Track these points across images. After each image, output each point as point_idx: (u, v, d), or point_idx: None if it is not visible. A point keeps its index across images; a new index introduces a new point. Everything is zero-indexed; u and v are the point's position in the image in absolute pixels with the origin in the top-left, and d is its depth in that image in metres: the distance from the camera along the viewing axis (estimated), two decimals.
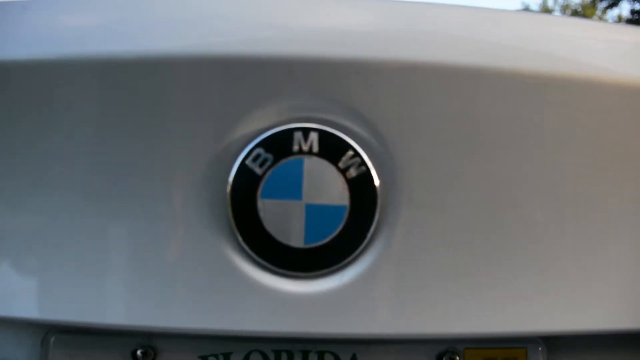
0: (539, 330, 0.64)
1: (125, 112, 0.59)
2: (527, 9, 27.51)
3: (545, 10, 27.10)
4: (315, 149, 0.58)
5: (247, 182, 0.58)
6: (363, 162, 0.59)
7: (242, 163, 0.58)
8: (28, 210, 0.60)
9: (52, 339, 0.65)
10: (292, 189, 0.58)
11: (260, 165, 0.58)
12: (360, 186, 0.59)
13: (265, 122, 0.59)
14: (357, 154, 0.59)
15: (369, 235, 0.60)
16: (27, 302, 0.62)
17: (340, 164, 0.59)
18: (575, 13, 26.18)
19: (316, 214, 0.59)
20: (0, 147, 0.60)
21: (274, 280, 0.60)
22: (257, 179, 0.58)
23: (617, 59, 0.66)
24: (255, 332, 0.62)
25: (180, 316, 0.61)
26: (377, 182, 0.59)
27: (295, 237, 0.59)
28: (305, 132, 0.58)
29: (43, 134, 0.60)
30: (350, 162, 0.59)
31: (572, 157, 0.62)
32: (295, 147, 0.58)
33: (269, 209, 0.59)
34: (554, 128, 0.61)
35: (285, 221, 0.59)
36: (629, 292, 0.64)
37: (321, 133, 0.58)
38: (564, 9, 26.88)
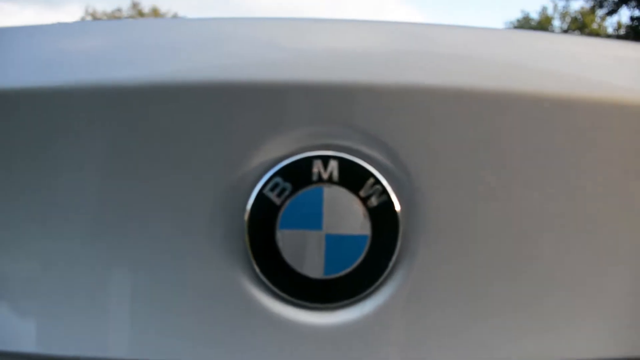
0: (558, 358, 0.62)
1: (140, 141, 0.58)
2: (526, 16, 27.62)
3: (545, 17, 27.19)
4: (335, 177, 0.57)
5: (265, 211, 0.57)
6: (384, 190, 0.57)
7: (260, 192, 0.57)
8: (34, 240, 0.59)
9: None
10: (312, 218, 0.57)
11: (279, 195, 0.57)
12: (382, 215, 0.57)
13: (284, 150, 0.57)
14: (378, 181, 0.57)
15: (390, 265, 0.58)
16: (21, 336, 0.60)
17: (361, 193, 0.57)
18: (574, 20, 26.27)
19: (336, 244, 0.57)
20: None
21: (293, 311, 0.58)
22: (276, 208, 0.57)
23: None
24: None
25: (197, 349, 0.59)
26: (398, 210, 0.58)
27: (314, 267, 0.57)
28: (325, 160, 0.57)
29: (50, 162, 0.58)
30: (372, 190, 0.57)
31: (599, 182, 0.60)
32: (315, 176, 0.57)
33: (287, 239, 0.57)
34: (580, 153, 0.60)
35: (305, 251, 0.57)
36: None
37: (341, 161, 0.57)
38: (564, 16, 26.98)
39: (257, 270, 0.57)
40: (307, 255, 0.57)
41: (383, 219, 0.57)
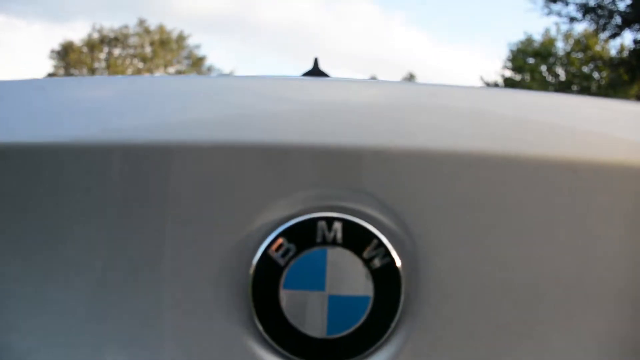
0: None
1: (145, 200, 0.59)
2: (529, 38, 27.75)
3: (549, 39, 27.32)
4: (339, 238, 0.57)
5: (269, 272, 0.58)
6: (388, 252, 0.58)
7: (265, 252, 0.58)
8: (41, 301, 0.59)
9: None
10: (315, 279, 0.57)
11: (283, 255, 0.57)
12: (385, 276, 0.58)
13: (289, 211, 0.58)
14: (381, 243, 0.58)
15: (392, 325, 0.58)
16: None
17: (365, 254, 0.58)
18: (577, 42, 26.38)
19: (339, 305, 0.57)
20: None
21: None
22: (280, 269, 0.57)
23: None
24: None
25: None
26: (401, 271, 0.58)
27: (317, 327, 0.58)
28: (329, 221, 0.58)
29: (51, 222, 0.59)
30: (375, 252, 0.58)
31: (603, 246, 0.60)
32: (319, 237, 0.57)
33: (291, 299, 0.57)
34: (581, 214, 0.60)
35: (308, 311, 0.58)
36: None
37: (345, 222, 0.58)
38: (567, 37, 27.10)
39: (261, 328, 0.58)
40: (310, 315, 0.58)
41: (386, 280, 0.58)
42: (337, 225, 0.57)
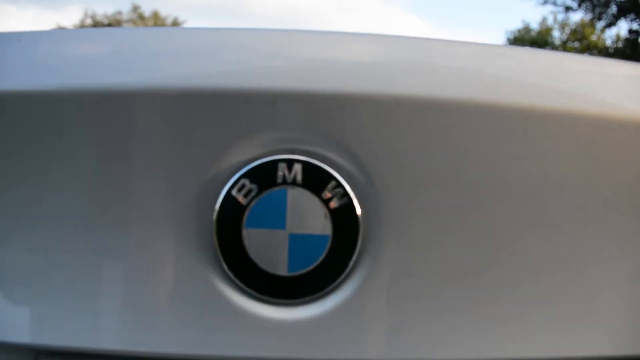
0: (520, 357, 0.65)
1: (111, 145, 0.61)
2: (527, 27, 27.70)
3: (545, 28, 27.29)
4: (299, 179, 0.60)
5: (232, 211, 0.60)
6: (346, 193, 0.61)
7: (228, 193, 0.60)
8: (18, 238, 0.62)
9: None
10: (276, 218, 0.60)
11: (245, 196, 0.60)
12: (343, 216, 0.61)
13: (251, 153, 0.60)
14: (339, 184, 0.61)
15: (350, 264, 0.61)
16: (16, 327, 0.63)
17: (323, 195, 0.60)
18: (574, 32, 26.36)
19: (299, 243, 0.60)
20: None
21: (258, 306, 0.61)
22: (242, 208, 0.60)
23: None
24: (241, 357, 0.63)
25: (167, 342, 0.62)
26: (359, 212, 0.61)
27: (278, 265, 0.60)
28: (290, 163, 0.60)
29: (29, 165, 0.61)
30: (333, 192, 0.60)
31: (555, 189, 0.63)
32: (280, 178, 0.60)
33: (253, 238, 0.60)
34: (537, 160, 0.63)
35: (270, 250, 0.60)
36: (609, 320, 0.65)
37: (305, 164, 0.60)
38: (563, 27, 27.07)
39: (225, 266, 0.61)
40: (272, 253, 0.60)
41: (344, 220, 0.61)
42: (297, 167, 0.60)
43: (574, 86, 0.68)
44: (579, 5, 17.06)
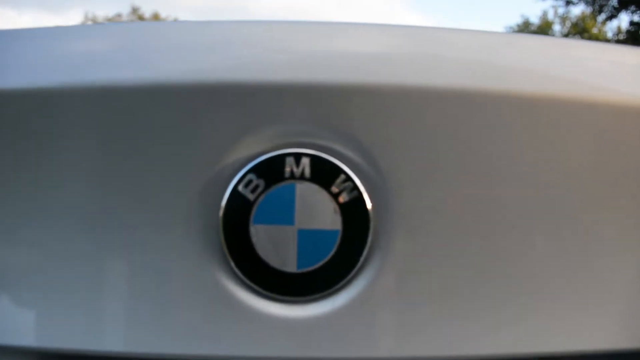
0: (536, 352, 0.64)
1: (116, 141, 0.60)
2: (527, 21, 27.65)
3: (545, 22, 27.23)
4: (307, 174, 0.58)
5: (239, 207, 0.59)
6: (355, 187, 0.59)
7: (234, 189, 0.59)
8: (20, 239, 0.61)
9: None
10: (284, 214, 0.58)
11: (252, 191, 0.58)
12: (353, 211, 0.59)
13: (257, 147, 0.59)
14: (349, 178, 0.59)
15: (361, 260, 0.59)
16: (20, 330, 0.62)
17: (333, 189, 0.59)
18: (575, 25, 26.29)
19: (308, 239, 0.59)
20: None
21: (266, 305, 0.60)
22: (249, 204, 0.58)
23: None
24: (249, 357, 0.62)
25: (174, 342, 0.61)
26: (369, 206, 0.59)
27: (287, 262, 0.59)
28: (297, 157, 0.59)
29: (32, 163, 0.60)
30: (343, 186, 0.59)
31: (569, 179, 0.62)
32: (287, 173, 0.58)
33: (261, 235, 0.59)
34: (551, 150, 0.61)
35: (278, 246, 0.59)
36: (623, 312, 0.64)
37: (313, 158, 0.59)
38: (564, 20, 27.01)
39: (232, 264, 0.59)
40: (280, 249, 0.59)
41: (354, 215, 0.59)
42: (305, 161, 0.58)
43: (584, 74, 0.67)
44: None
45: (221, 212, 0.59)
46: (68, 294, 0.60)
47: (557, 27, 27.51)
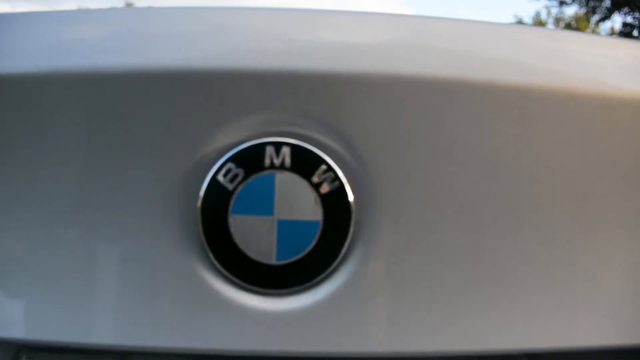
0: (522, 348, 0.63)
1: (94, 128, 0.58)
2: (520, 21, 27.72)
3: (539, 22, 27.30)
4: (288, 163, 0.57)
5: (218, 197, 0.57)
6: (337, 177, 0.58)
7: (213, 178, 0.57)
8: None
9: (23, 358, 0.63)
10: (264, 204, 0.57)
11: (232, 180, 0.57)
12: (334, 202, 0.58)
13: (237, 136, 0.58)
14: (330, 168, 0.58)
15: (342, 251, 0.58)
16: (2, 322, 0.60)
17: (313, 179, 0.57)
18: (568, 26, 26.38)
19: (288, 230, 0.57)
20: None
21: (245, 297, 0.59)
22: (228, 194, 0.57)
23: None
24: (228, 350, 0.60)
25: (153, 335, 0.60)
26: (351, 197, 0.58)
27: (266, 253, 0.58)
28: (277, 146, 0.57)
29: (12, 149, 0.59)
30: (324, 176, 0.58)
31: (558, 172, 0.61)
32: (267, 162, 0.57)
33: (240, 225, 0.57)
34: (537, 143, 0.60)
35: (257, 237, 0.57)
36: (612, 308, 0.63)
37: (293, 147, 0.57)
38: (557, 21, 27.09)
39: (211, 255, 0.58)
40: (260, 240, 0.57)
41: (335, 206, 0.58)
42: (285, 150, 0.57)
43: (574, 65, 0.66)
44: None
45: (199, 202, 0.57)
46: (44, 285, 0.59)
47: (550, 28, 27.59)
